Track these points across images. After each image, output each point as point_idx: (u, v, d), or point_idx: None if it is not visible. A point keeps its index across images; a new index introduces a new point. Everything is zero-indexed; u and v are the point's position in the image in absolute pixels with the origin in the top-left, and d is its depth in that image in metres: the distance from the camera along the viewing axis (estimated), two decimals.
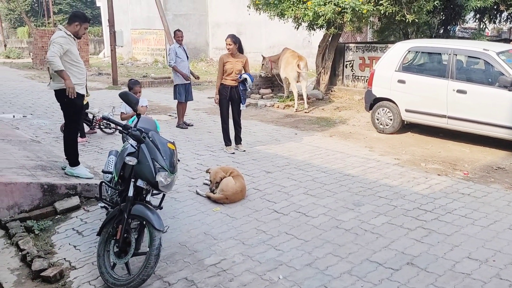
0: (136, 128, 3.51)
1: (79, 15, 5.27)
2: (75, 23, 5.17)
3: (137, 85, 6.43)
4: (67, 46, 5.03)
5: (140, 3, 23.20)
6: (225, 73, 6.71)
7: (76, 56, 5.17)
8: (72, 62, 5.13)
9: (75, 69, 5.16)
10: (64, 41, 5.01)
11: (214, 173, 5.15)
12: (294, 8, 10.01)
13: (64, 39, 5.02)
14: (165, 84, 15.32)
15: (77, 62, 5.19)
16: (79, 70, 5.23)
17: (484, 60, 7.03)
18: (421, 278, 3.43)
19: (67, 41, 5.06)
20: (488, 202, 4.88)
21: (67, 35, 5.10)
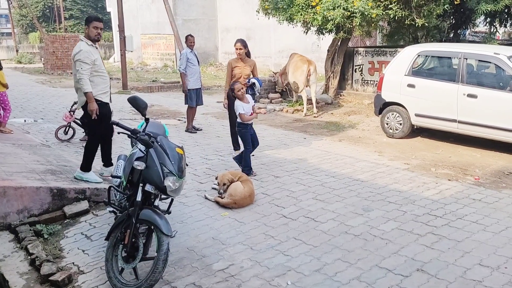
0: (144, 132, 3.52)
1: (86, 19, 5.30)
2: (85, 27, 5.24)
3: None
4: (92, 58, 5.07)
5: (150, 9, 23.39)
6: (234, 78, 6.73)
7: (99, 65, 5.19)
8: (96, 72, 5.15)
9: (99, 79, 5.21)
10: (86, 55, 5.02)
11: (221, 175, 5.17)
12: (303, 12, 10.02)
13: (85, 53, 5.02)
14: (174, 88, 15.40)
15: (100, 71, 5.22)
16: (103, 79, 5.26)
17: (495, 64, 6.96)
18: (431, 285, 3.38)
19: (89, 52, 5.06)
20: (499, 208, 4.81)
21: (88, 45, 5.12)
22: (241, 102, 5.93)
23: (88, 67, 5.02)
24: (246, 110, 5.92)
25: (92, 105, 5.04)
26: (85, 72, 5.00)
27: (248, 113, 5.94)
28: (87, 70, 5.01)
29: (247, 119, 5.90)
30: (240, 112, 5.90)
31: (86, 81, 5.00)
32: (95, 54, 5.14)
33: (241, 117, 5.91)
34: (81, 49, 5.02)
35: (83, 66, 4.99)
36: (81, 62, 4.99)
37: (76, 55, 5.03)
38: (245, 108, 5.92)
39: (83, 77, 4.99)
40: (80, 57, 5.00)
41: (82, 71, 4.98)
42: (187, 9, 21.85)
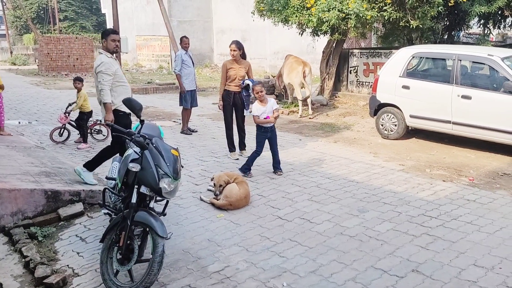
0: (139, 134, 3.51)
1: (102, 33, 5.46)
2: (103, 40, 5.37)
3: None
4: (113, 69, 5.19)
5: (145, 10, 23.37)
6: (229, 79, 6.73)
7: (120, 75, 5.32)
8: (118, 82, 5.28)
9: (121, 89, 5.32)
10: (107, 67, 5.14)
11: (218, 176, 5.16)
12: (298, 14, 10.04)
13: (106, 65, 5.15)
14: (169, 90, 15.38)
15: (122, 81, 5.34)
16: (125, 89, 5.38)
17: (489, 66, 7.00)
18: (426, 285, 3.39)
19: (110, 63, 5.19)
20: (494, 209, 4.84)
21: (108, 57, 5.25)
22: (258, 104, 5.88)
23: (109, 78, 5.17)
24: (261, 113, 5.84)
25: (109, 116, 5.17)
26: (107, 83, 5.15)
27: (264, 115, 5.84)
28: (108, 81, 5.16)
29: (258, 122, 5.86)
30: (253, 115, 5.87)
31: (107, 91, 5.16)
32: (115, 65, 5.28)
33: (253, 119, 5.90)
34: (102, 61, 5.16)
35: (105, 77, 5.14)
36: (103, 74, 5.14)
37: (97, 67, 5.17)
38: (260, 110, 5.84)
39: (105, 87, 5.14)
40: (101, 68, 5.14)
41: (104, 82, 5.14)
42: (182, 11, 21.84)
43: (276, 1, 10.32)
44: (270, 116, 5.86)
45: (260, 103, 5.88)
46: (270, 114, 5.86)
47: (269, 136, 5.97)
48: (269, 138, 5.98)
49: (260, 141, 5.96)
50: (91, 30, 37.17)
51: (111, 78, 5.18)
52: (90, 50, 21.35)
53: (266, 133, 5.94)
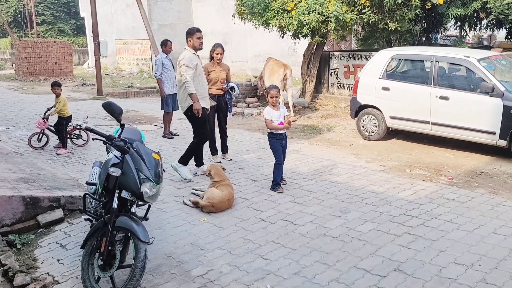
0: (120, 138, 3.47)
1: (188, 31, 5.87)
2: (187, 39, 5.82)
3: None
4: (195, 62, 5.69)
5: (125, 13, 23.17)
6: (210, 82, 6.68)
7: (199, 71, 5.77)
8: (196, 78, 5.71)
9: (197, 84, 5.73)
10: (190, 60, 5.63)
11: (211, 165, 5.41)
12: (279, 17, 10.09)
13: (189, 58, 5.64)
14: (150, 94, 15.27)
15: (200, 76, 5.76)
16: (201, 84, 5.78)
17: (465, 67, 7.15)
18: (408, 284, 3.43)
19: (193, 58, 5.69)
20: (472, 207, 4.93)
21: (192, 53, 5.74)
22: (270, 108, 5.53)
23: (192, 71, 5.61)
24: (274, 117, 5.48)
25: (197, 105, 5.60)
26: (190, 76, 5.59)
27: (276, 121, 5.49)
28: (191, 74, 5.60)
29: (272, 127, 5.48)
30: (266, 118, 5.51)
31: (190, 83, 5.57)
32: (197, 60, 5.74)
33: (266, 124, 5.56)
34: (185, 56, 5.66)
35: (188, 71, 5.59)
36: (186, 67, 5.60)
37: (181, 61, 5.65)
38: (273, 115, 5.48)
39: (188, 79, 5.57)
40: (185, 62, 5.62)
41: (187, 75, 5.58)
42: (163, 14, 21.72)
43: (256, 4, 10.36)
44: (284, 122, 5.49)
45: (273, 107, 5.52)
46: (282, 120, 5.50)
47: (283, 144, 5.61)
48: (282, 146, 5.59)
49: (277, 149, 5.55)
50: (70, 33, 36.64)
51: (193, 71, 5.60)
52: (69, 54, 21.03)
53: (281, 140, 5.54)
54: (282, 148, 5.58)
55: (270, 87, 5.58)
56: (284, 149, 5.64)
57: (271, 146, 5.59)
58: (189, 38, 5.80)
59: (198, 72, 5.76)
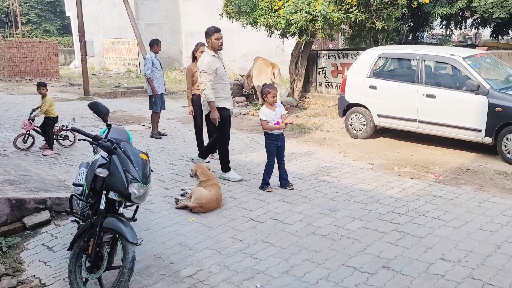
0: (106, 139, 3.44)
1: (206, 31, 5.68)
2: (206, 40, 5.67)
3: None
4: (214, 66, 5.54)
5: (111, 13, 22.95)
6: (196, 83, 6.58)
7: (221, 73, 5.65)
8: (218, 79, 5.62)
9: (220, 86, 5.67)
10: (209, 66, 5.50)
11: (197, 165, 5.38)
12: (266, 16, 10.09)
13: (208, 63, 5.50)
14: (138, 94, 15.16)
15: (221, 78, 5.65)
16: (223, 86, 5.70)
17: (451, 65, 7.23)
18: (396, 281, 3.46)
19: (212, 62, 5.54)
20: (459, 204, 4.99)
21: (210, 55, 5.59)
22: (267, 108, 5.40)
23: (211, 77, 5.51)
24: (269, 118, 5.36)
25: (214, 114, 5.58)
26: (209, 83, 5.50)
27: (272, 121, 5.38)
28: (210, 80, 5.51)
29: (267, 128, 5.37)
30: (261, 119, 5.40)
31: (209, 90, 5.50)
32: (217, 63, 5.59)
33: (262, 124, 5.43)
34: (204, 61, 5.53)
35: (207, 77, 5.50)
36: (204, 73, 5.50)
37: (200, 66, 5.59)
38: (269, 115, 5.35)
39: (207, 87, 5.50)
40: (203, 67, 5.51)
41: (206, 82, 5.50)
42: (150, 13, 21.57)
43: (244, 4, 10.34)
44: (280, 122, 5.39)
45: (270, 107, 5.40)
46: (279, 119, 5.39)
47: (280, 145, 5.51)
48: (278, 146, 5.51)
49: (271, 150, 5.45)
50: (56, 33, 36.18)
51: (213, 77, 5.51)
52: (54, 54, 20.77)
53: (277, 141, 5.44)
54: (278, 148, 5.48)
55: (270, 87, 5.45)
56: (282, 150, 5.54)
57: (266, 146, 5.53)
58: (208, 39, 5.62)
59: (219, 75, 5.61)
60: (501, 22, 11.51)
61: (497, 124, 6.49)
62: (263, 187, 5.51)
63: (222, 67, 5.70)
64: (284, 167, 5.61)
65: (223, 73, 5.71)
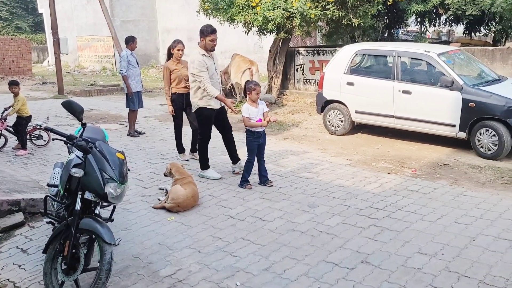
0: (81, 138, 3.36)
1: (202, 30, 5.62)
2: (200, 38, 5.60)
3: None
4: (205, 66, 5.50)
5: (85, 9, 22.50)
6: (174, 82, 6.49)
7: (211, 72, 5.59)
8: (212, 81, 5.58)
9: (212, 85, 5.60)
10: (201, 65, 5.47)
11: (171, 163, 5.29)
12: (244, 13, 10.06)
13: (199, 62, 5.47)
14: (114, 91, 14.94)
15: (211, 77, 5.58)
16: (214, 85, 5.58)
17: (426, 62, 7.34)
18: (375, 275, 3.49)
19: (203, 61, 5.50)
20: (435, 198, 5.08)
21: (201, 54, 5.54)
22: (249, 105, 5.38)
23: (207, 74, 5.48)
24: (252, 115, 5.33)
25: (227, 102, 5.61)
26: (207, 80, 5.48)
27: (254, 118, 5.35)
28: (207, 78, 5.48)
29: (249, 125, 5.33)
30: (243, 116, 5.34)
31: (210, 87, 5.48)
32: (207, 62, 5.54)
33: (244, 121, 5.38)
34: (195, 60, 5.48)
35: (204, 75, 5.47)
36: (199, 71, 5.48)
37: (191, 66, 5.55)
38: (252, 112, 5.32)
39: (206, 83, 5.47)
40: (196, 67, 5.48)
41: (204, 80, 5.47)
42: (125, 10, 21.24)
43: (221, 0, 10.28)
44: (262, 120, 5.36)
45: (253, 104, 5.37)
46: (261, 117, 5.36)
47: (261, 142, 5.48)
48: (259, 144, 5.47)
49: (252, 148, 5.42)
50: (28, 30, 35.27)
51: (207, 73, 5.49)
52: (27, 51, 20.25)
53: (258, 138, 5.41)
54: (259, 146, 5.46)
55: (254, 83, 5.44)
56: (262, 147, 5.52)
57: (247, 144, 5.48)
58: (202, 38, 5.56)
59: (210, 73, 5.58)
60: (474, 19, 11.77)
61: (471, 119, 6.63)
62: (242, 185, 5.50)
63: (213, 67, 5.66)
64: (264, 164, 5.61)
65: (213, 71, 5.67)
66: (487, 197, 5.06)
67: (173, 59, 6.53)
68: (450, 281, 3.38)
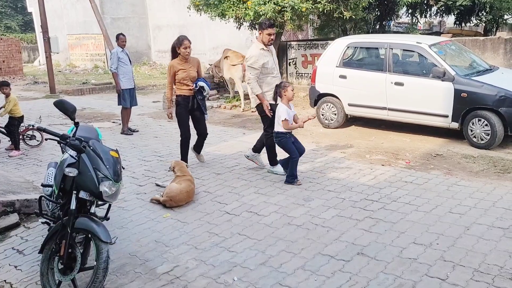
0: (75, 137, 3.35)
1: (259, 23, 5.69)
2: (258, 32, 5.65)
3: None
4: (261, 62, 5.47)
5: (75, 7, 22.33)
6: (179, 83, 5.79)
7: (270, 67, 5.59)
8: (267, 74, 5.57)
9: (269, 79, 5.60)
10: (254, 60, 5.45)
11: (175, 161, 5.35)
12: (235, 8, 10.02)
13: (254, 58, 5.45)
14: (107, 90, 14.86)
15: (271, 72, 5.61)
16: (272, 79, 5.61)
17: (418, 53, 7.37)
18: (371, 267, 3.52)
19: (260, 56, 5.46)
20: (429, 188, 5.11)
21: (259, 48, 5.51)
22: (285, 106, 5.27)
23: (256, 71, 5.47)
24: (290, 116, 5.27)
25: (265, 103, 5.50)
26: (253, 77, 5.47)
27: (290, 119, 5.29)
28: (254, 74, 5.47)
29: (289, 128, 5.27)
30: (285, 118, 5.21)
31: (254, 84, 5.48)
32: (265, 57, 5.51)
33: (284, 125, 5.22)
34: (251, 55, 5.50)
35: (252, 71, 5.48)
36: (250, 67, 5.50)
37: (246, 61, 5.58)
38: (291, 114, 5.29)
39: (251, 80, 5.49)
40: (249, 62, 5.50)
41: (250, 76, 5.49)
42: (116, 7, 21.09)
43: None
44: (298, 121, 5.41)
45: (287, 104, 5.32)
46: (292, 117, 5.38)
47: (293, 140, 5.46)
48: (294, 142, 5.44)
49: (289, 146, 5.35)
50: (18, 30, 34.98)
51: (258, 71, 5.47)
52: (17, 51, 20.08)
53: (291, 137, 5.42)
54: (293, 143, 5.43)
55: (286, 84, 5.39)
56: (297, 142, 5.50)
57: (283, 145, 5.39)
58: (260, 31, 5.56)
59: (269, 69, 5.54)
60: (464, 10, 11.80)
61: (463, 109, 6.67)
62: (292, 181, 5.34)
63: (271, 61, 5.59)
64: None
65: (273, 66, 5.62)
66: (481, 186, 5.10)
67: (180, 57, 5.80)
68: (445, 270, 3.41)
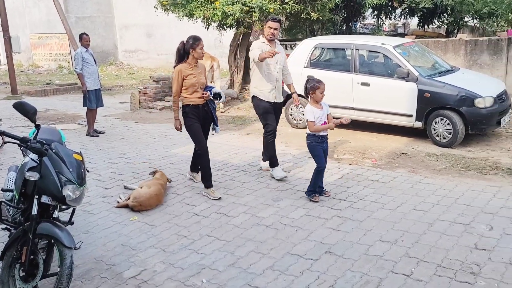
0: (36, 140, 3.24)
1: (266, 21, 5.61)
2: (263, 27, 5.65)
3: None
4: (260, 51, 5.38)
5: (38, 5, 21.66)
6: (187, 91, 5.05)
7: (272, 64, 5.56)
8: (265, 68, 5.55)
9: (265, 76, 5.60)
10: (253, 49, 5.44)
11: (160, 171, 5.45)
12: (203, 8, 9.96)
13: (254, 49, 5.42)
14: (72, 91, 14.50)
15: (267, 70, 5.56)
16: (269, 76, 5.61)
17: (383, 54, 7.52)
18: (339, 265, 3.57)
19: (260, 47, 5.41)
20: (394, 186, 5.23)
21: (261, 42, 5.51)
22: (314, 106, 4.78)
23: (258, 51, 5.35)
24: (317, 117, 4.74)
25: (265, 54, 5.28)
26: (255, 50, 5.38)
27: (319, 121, 4.76)
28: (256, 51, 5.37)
29: (316, 129, 4.75)
30: (309, 120, 4.75)
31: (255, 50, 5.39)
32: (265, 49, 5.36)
33: (308, 126, 4.79)
34: (252, 47, 5.51)
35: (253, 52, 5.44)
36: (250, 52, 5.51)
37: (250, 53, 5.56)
38: (318, 114, 4.73)
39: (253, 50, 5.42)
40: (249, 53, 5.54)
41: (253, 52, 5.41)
42: (80, 6, 20.59)
43: None
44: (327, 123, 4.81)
45: (317, 105, 4.79)
46: (326, 119, 4.81)
47: (325, 148, 4.94)
48: (324, 150, 4.93)
49: (318, 153, 4.84)
50: None
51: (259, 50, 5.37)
52: None
53: (322, 143, 4.86)
54: (324, 151, 4.93)
55: (317, 81, 4.81)
56: (326, 153, 4.95)
57: (312, 149, 4.90)
58: (264, 25, 5.63)
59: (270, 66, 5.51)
60: (427, 12, 12.15)
61: (426, 109, 6.86)
62: (310, 195, 4.89)
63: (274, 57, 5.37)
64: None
65: (271, 61, 5.50)
66: (443, 183, 5.26)
67: (190, 61, 5.05)
68: (410, 266, 3.50)
